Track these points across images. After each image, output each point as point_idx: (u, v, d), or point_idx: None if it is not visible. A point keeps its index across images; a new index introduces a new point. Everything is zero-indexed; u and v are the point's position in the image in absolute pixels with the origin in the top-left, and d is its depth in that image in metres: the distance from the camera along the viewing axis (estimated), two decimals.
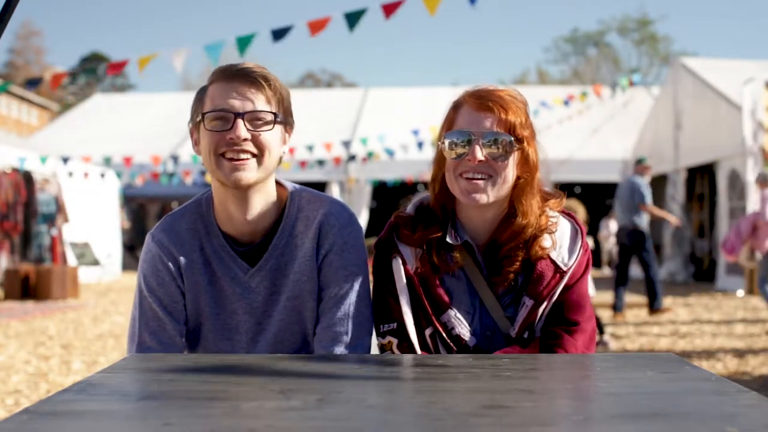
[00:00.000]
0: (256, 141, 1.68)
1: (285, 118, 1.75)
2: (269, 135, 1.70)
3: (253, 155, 1.68)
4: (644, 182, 8.94)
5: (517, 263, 1.75)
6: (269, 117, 1.69)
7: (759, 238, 7.51)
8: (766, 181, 8.02)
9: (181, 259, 1.77)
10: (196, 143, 1.75)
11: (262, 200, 1.75)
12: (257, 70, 1.70)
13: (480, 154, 1.67)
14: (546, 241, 1.76)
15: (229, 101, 1.67)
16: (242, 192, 1.71)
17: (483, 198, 1.70)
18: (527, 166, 1.74)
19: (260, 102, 1.69)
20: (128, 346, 1.80)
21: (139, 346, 1.75)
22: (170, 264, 1.76)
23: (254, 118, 1.68)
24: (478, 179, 1.69)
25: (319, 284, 1.78)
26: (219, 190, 1.75)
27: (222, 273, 1.77)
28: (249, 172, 1.68)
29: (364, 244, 1.83)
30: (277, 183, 1.83)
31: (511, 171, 1.71)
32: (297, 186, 1.85)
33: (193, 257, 1.77)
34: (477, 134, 1.68)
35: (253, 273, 1.76)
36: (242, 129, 1.66)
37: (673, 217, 9.13)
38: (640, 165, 9.11)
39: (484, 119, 1.69)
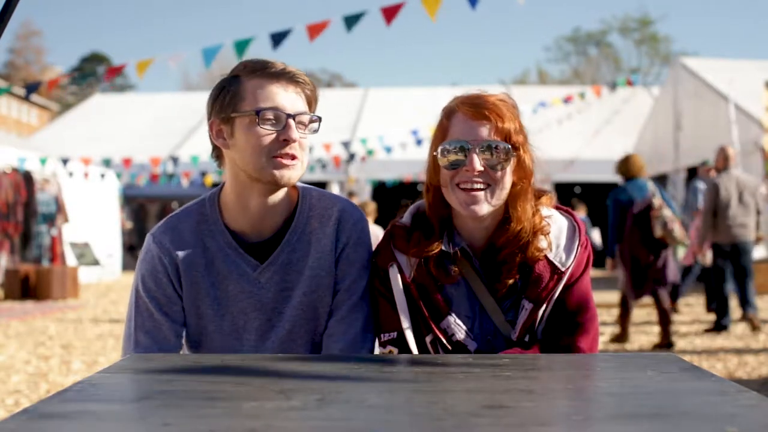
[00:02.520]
0: (300, 143, 1.72)
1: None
2: (309, 137, 1.75)
3: (298, 157, 1.72)
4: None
5: (515, 268, 1.74)
6: (315, 123, 1.75)
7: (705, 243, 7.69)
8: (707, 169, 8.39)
9: (181, 261, 1.76)
10: (218, 135, 1.74)
11: (282, 194, 1.78)
12: (300, 73, 1.74)
13: (478, 163, 1.66)
14: (542, 242, 1.75)
15: (281, 101, 1.69)
16: (277, 187, 1.74)
17: (482, 209, 1.69)
18: (522, 171, 1.72)
19: (305, 104, 1.74)
20: (123, 346, 1.80)
21: (135, 346, 1.75)
22: (169, 265, 1.76)
23: (301, 121, 1.72)
24: (477, 190, 1.68)
25: (335, 277, 1.80)
26: (243, 184, 1.74)
27: (228, 271, 1.76)
28: (296, 171, 1.72)
29: (371, 240, 1.86)
30: None
31: (508, 178, 1.71)
32: (304, 184, 1.87)
33: (195, 260, 1.77)
34: (474, 143, 1.67)
35: (263, 269, 1.77)
36: (295, 131, 1.69)
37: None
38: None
39: (480, 127, 1.68)
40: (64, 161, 12.87)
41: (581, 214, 14.14)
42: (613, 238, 6.86)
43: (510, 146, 1.68)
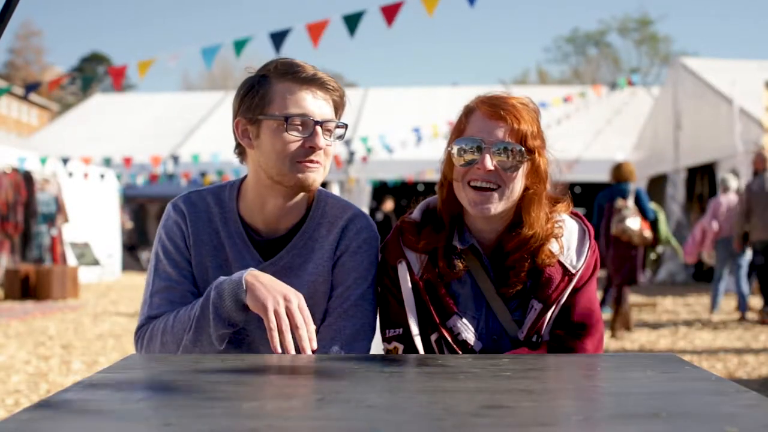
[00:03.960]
0: (325, 150, 1.73)
1: None
2: (334, 144, 1.76)
3: (321, 163, 1.73)
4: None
5: (523, 273, 1.74)
6: (341, 129, 1.76)
7: (706, 242, 8.74)
8: (726, 188, 8.87)
9: (192, 233, 1.80)
10: (244, 135, 1.75)
11: (298, 199, 1.79)
12: (329, 79, 1.74)
13: (490, 163, 1.65)
14: (553, 246, 1.74)
15: (309, 108, 1.70)
16: (296, 192, 1.75)
17: (491, 209, 1.68)
18: (537, 177, 1.71)
19: (332, 111, 1.75)
20: (140, 311, 1.82)
21: (149, 308, 1.77)
22: (185, 231, 1.80)
23: (329, 129, 1.73)
24: (487, 189, 1.68)
25: (331, 284, 1.80)
26: (263, 184, 1.76)
27: (233, 258, 1.79)
28: (319, 176, 1.73)
29: (377, 252, 1.83)
30: None
31: (519, 181, 1.70)
32: (323, 189, 1.88)
33: (203, 238, 1.80)
34: (488, 143, 1.66)
35: (265, 267, 1.78)
36: (322, 138, 1.70)
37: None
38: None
39: (496, 128, 1.67)
40: (64, 161, 12.87)
41: None
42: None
43: (525, 149, 1.67)
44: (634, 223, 6.98)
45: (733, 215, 8.54)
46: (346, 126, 1.77)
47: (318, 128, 1.69)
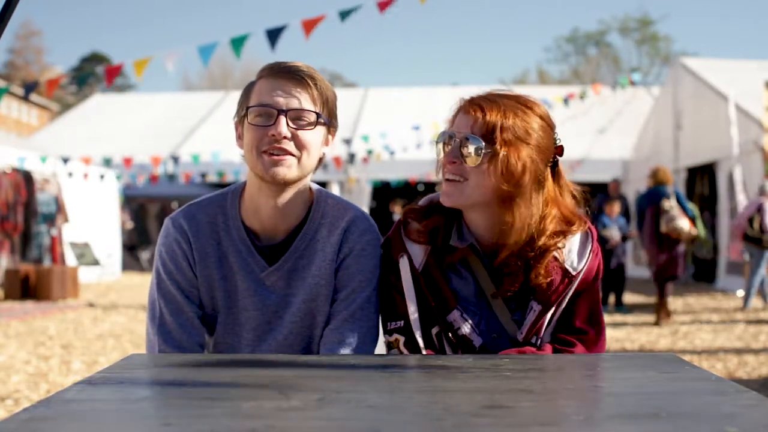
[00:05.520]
0: (296, 140, 1.70)
1: (329, 120, 1.76)
2: (310, 135, 1.71)
3: (293, 154, 1.70)
4: None
5: (517, 284, 1.73)
6: (312, 117, 1.71)
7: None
8: (765, 193, 9.16)
9: (196, 249, 1.78)
10: (239, 137, 1.77)
11: (293, 196, 1.77)
12: (304, 69, 1.72)
13: (454, 154, 1.67)
14: (549, 265, 1.72)
15: (274, 98, 1.69)
16: (277, 186, 1.73)
17: (454, 200, 1.70)
18: (508, 175, 1.64)
19: (305, 101, 1.70)
20: (149, 327, 1.80)
21: (161, 327, 1.76)
22: (187, 250, 1.78)
23: (297, 117, 1.70)
24: (452, 181, 1.69)
25: (334, 287, 1.79)
26: (253, 181, 1.76)
27: (238, 267, 1.78)
28: (288, 168, 1.70)
29: (380, 253, 1.83)
30: None
31: (485, 177, 1.65)
32: (322, 189, 1.87)
33: (208, 251, 1.78)
34: (457, 135, 1.68)
35: (270, 272, 1.77)
36: (283, 126, 1.67)
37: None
38: None
39: (464, 120, 1.68)
40: (65, 161, 12.87)
41: None
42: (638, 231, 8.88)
43: (484, 143, 1.63)
44: (684, 223, 7.90)
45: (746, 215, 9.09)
46: (318, 115, 1.71)
47: (281, 117, 1.67)
